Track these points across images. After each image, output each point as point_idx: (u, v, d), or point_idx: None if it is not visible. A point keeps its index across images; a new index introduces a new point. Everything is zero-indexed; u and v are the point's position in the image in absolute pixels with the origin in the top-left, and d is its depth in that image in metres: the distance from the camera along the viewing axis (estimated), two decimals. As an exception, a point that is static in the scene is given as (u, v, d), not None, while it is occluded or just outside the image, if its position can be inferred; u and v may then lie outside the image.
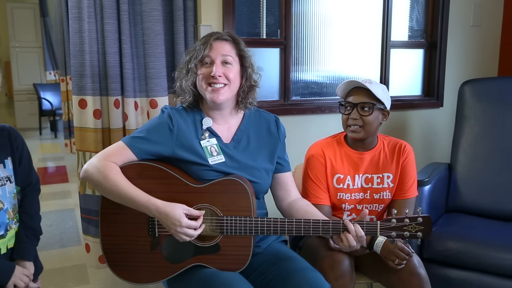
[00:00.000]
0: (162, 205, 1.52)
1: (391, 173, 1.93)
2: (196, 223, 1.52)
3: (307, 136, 2.60)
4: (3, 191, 1.43)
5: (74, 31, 2.19)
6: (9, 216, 1.45)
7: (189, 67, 1.68)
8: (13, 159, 1.48)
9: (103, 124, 2.29)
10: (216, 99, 1.64)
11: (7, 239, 1.45)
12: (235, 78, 1.67)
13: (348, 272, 1.70)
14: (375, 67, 3.03)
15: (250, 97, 1.74)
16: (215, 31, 1.72)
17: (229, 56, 1.66)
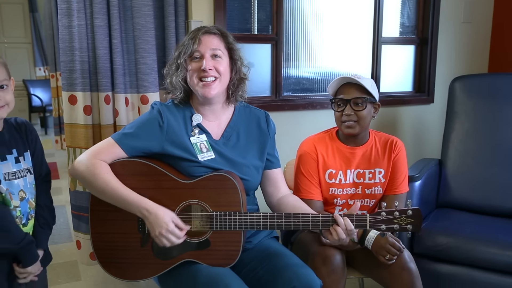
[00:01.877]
0: (154, 206, 1.52)
1: (383, 168, 1.93)
2: (180, 233, 1.52)
3: (298, 132, 2.60)
4: (25, 182, 1.49)
5: (64, 26, 2.16)
6: (30, 206, 1.51)
7: (178, 63, 1.67)
8: (30, 152, 1.53)
9: (93, 120, 2.27)
10: (207, 94, 1.64)
11: (28, 227, 1.50)
12: (225, 71, 1.66)
13: (340, 267, 1.71)
14: (367, 63, 3.04)
15: (240, 90, 1.74)
16: (203, 26, 1.71)
17: (218, 50, 1.65)
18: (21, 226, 1.47)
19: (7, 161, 1.43)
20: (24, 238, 1.43)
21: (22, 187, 1.47)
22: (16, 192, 1.45)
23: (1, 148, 1.43)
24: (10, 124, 1.51)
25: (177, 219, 1.54)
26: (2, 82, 1.39)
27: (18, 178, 1.46)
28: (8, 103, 1.41)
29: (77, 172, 1.58)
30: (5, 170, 1.42)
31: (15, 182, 1.45)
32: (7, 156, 1.44)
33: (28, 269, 1.46)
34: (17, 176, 1.46)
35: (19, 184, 1.46)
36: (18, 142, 1.50)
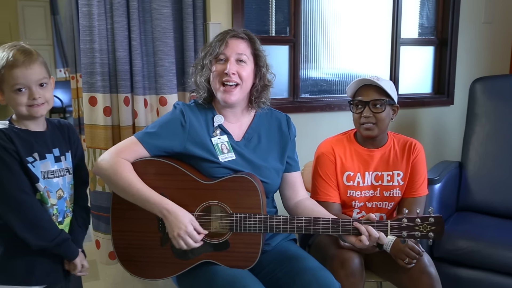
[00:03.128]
0: (174, 207, 1.54)
1: (402, 170, 1.92)
2: (198, 237, 1.53)
3: (316, 134, 2.58)
4: (64, 181, 1.52)
5: (84, 29, 2.19)
6: (67, 205, 1.53)
7: (203, 63, 1.69)
8: (71, 153, 1.57)
9: (113, 121, 2.29)
10: (227, 100, 1.65)
11: (64, 225, 1.53)
12: (248, 77, 1.67)
13: (359, 271, 1.70)
14: (385, 64, 3.01)
15: (263, 97, 1.74)
16: (232, 29, 1.72)
17: (244, 55, 1.66)
18: (57, 223, 1.50)
19: (46, 159, 1.46)
20: (59, 235, 1.46)
21: (60, 186, 1.50)
22: (54, 191, 1.48)
23: (42, 147, 1.46)
24: (53, 125, 1.55)
25: (196, 223, 1.55)
26: (42, 80, 1.42)
27: (57, 177, 1.50)
28: (47, 101, 1.44)
29: (100, 170, 1.61)
30: (44, 169, 1.45)
31: (53, 181, 1.48)
32: (47, 155, 1.47)
33: (76, 261, 1.51)
34: (56, 175, 1.49)
35: (58, 183, 1.49)
36: (61, 142, 1.53)
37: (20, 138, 1.42)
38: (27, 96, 1.40)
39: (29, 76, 1.39)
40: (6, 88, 1.39)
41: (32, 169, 1.42)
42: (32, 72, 1.39)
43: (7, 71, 1.37)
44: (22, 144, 1.41)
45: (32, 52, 1.42)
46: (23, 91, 1.39)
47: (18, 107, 1.41)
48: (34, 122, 1.47)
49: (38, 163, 1.44)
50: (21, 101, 1.40)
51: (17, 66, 1.37)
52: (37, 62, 1.41)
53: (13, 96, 1.40)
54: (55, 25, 7.25)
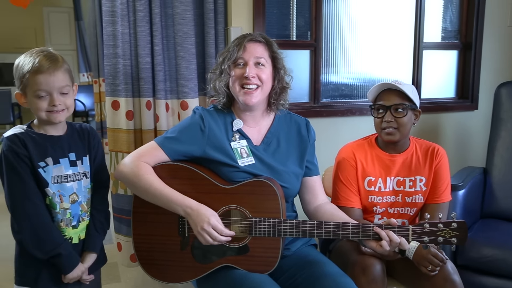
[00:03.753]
0: (196, 204, 1.55)
1: (424, 176, 1.89)
2: (222, 227, 1.52)
3: (337, 139, 2.57)
4: (79, 185, 1.53)
5: (108, 34, 2.23)
6: (82, 209, 1.55)
7: (222, 68, 1.70)
8: (90, 157, 1.58)
9: (135, 125, 2.32)
10: (248, 102, 1.66)
11: (79, 229, 1.54)
12: (267, 79, 1.67)
13: (380, 277, 1.67)
14: (407, 68, 2.98)
15: (282, 99, 1.74)
16: (248, 33, 1.73)
17: (262, 58, 1.66)
18: (71, 227, 1.51)
19: (59, 164, 1.48)
20: (54, 249, 1.45)
21: (75, 190, 1.51)
22: (67, 195, 1.49)
23: (56, 152, 1.48)
24: (73, 129, 1.57)
25: (219, 221, 1.54)
26: (64, 88, 1.44)
27: (72, 181, 1.51)
28: (68, 108, 1.46)
29: (121, 173, 1.63)
30: (56, 173, 1.47)
31: (67, 185, 1.49)
32: (61, 159, 1.48)
33: (67, 276, 1.49)
34: (70, 179, 1.50)
35: (72, 187, 1.51)
36: (78, 146, 1.54)
37: (35, 142, 1.44)
38: (47, 102, 1.42)
39: (51, 83, 1.41)
40: (29, 92, 1.42)
41: (43, 174, 1.44)
42: (55, 79, 1.41)
43: (31, 76, 1.39)
44: (35, 149, 1.43)
45: (58, 59, 1.44)
46: (44, 97, 1.42)
47: (38, 112, 1.43)
48: (53, 127, 1.50)
49: (50, 168, 1.46)
50: (42, 106, 1.42)
51: (41, 72, 1.39)
52: (61, 69, 1.43)
53: (35, 100, 1.42)
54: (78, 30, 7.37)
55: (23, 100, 1.45)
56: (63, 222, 1.49)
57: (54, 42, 7.89)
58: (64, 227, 1.50)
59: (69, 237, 1.52)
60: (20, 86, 1.43)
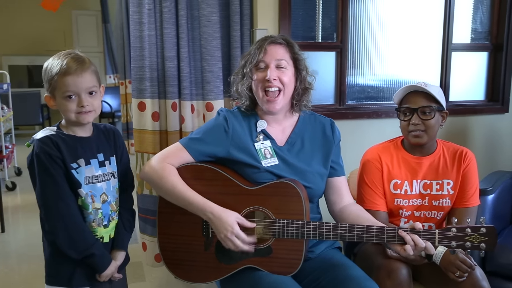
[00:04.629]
0: (217, 209, 1.55)
1: (452, 179, 1.86)
2: (245, 236, 1.53)
3: (362, 141, 2.54)
4: (108, 185, 1.55)
5: (135, 36, 2.26)
6: (111, 208, 1.57)
7: (244, 72, 1.71)
8: (117, 157, 1.60)
9: (160, 126, 2.34)
10: (272, 109, 1.67)
11: (109, 229, 1.57)
12: (289, 81, 1.67)
13: (406, 282, 1.65)
14: (435, 70, 2.94)
15: (304, 100, 1.74)
16: (269, 35, 1.73)
17: (283, 60, 1.66)
18: (102, 227, 1.54)
19: (90, 165, 1.50)
20: (87, 249, 1.48)
21: (104, 190, 1.54)
22: (98, 195, 1.52)
23: (86, 153, 1.50)
24: (99, 130, 1.59)
25: (242, 219, 1.55)
26: (91, 89, 1.46)
27: (102, 182, 1.53)
28: (95, 109, 1.49)
29: (146, 174, 1.66)
30: (88, 174, 1.49)
31: (98, 186, 1.52)
32: (91, 160, 1.51)
33: (102, 275, 1.52)
34: (100, 179, 1.53)
35: (102, 187, 1.53)
36: (105, 147, 1.57)
37: (66, 144, 1.47)
38: (76, 103, 1.44)
39: (79, 84, 1.43)
40: (58, 94, 1.44)
41: (76, 175, 1.46)
42: (83, 80, 1.43)
43: (59, 78, 1.42)
44: (68, 151, 1.46)
45: (85, 60, 1.46)
46: (72, 98, 1.44)
47: (67, 113, 1.46)
48: (81, 128, 1.52)
49: (83, 169, 1.48)
50: (71, 107, 1.44)
51: (69, 74, 1.41)
52: (88, 70, 1.45)
53: (63, 102, 1.44)
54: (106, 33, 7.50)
55: (52, 102, 1.48)
56: (95, 222, 1.52)
57: (82, 45, 8.05)
58: (95, 227, 1.52)
59: (100, 237, 1.54)
60: (49, 89, 1.46)
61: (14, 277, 2.83)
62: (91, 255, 1.48)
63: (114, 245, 1.59)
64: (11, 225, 3.78)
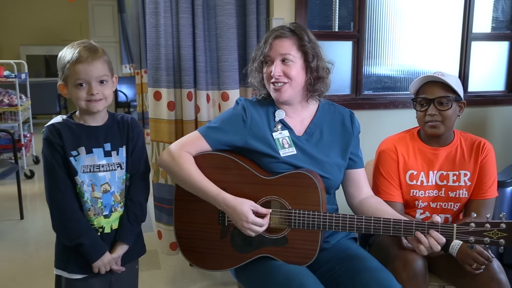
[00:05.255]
0: (230, 199, 1.55)
1: (469, 171, 1.84)
2: (261, 221, 1.54)
3: (379, 132, 2.52)
4: (112, 175, 1.56)
5: (151, 26, 2.26)
6: (115, 199, 1.57)
7: (254, 66, 1.73)
8: (127, 148, 1.60)
9: (176, 115, 2.35)
10: (279, 97, 1.67)
11: (111, 219, 1.57)
12: (297, 74, 1.65)
13: (422, 273, 1.64)
14: (454, 60, 2.90)
15: (319, 88, 1.71)
16: (277, 27, 1.70)
17: (289, 54, 1.64)
18: (102, 217, 1.54)
19: (92, 154, 1.51)
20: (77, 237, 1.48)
21: (107, 180, 1.54)
22: (99, 184, 1.52)
23: (90, 142, 1.52)
24: (114, 120, 1.59)
25: (256, 207, 1.55)
26: (102, 77, 1.47)
27: (105, 171, 1.54)
28: (106, 97, 1.50)
29: (163, 162, 1.67)
30: (87, 163, 1.50)
31: (99, 175, 1.52)
32: (94, 149, 1.52)
33: (93, 265, 1.52)
34: (103, 169, 1.53)
35: (104, 177, 1.53)
36: (115, 137, 1.57)
37: (71, 132, 1.49)
38: (86, 91, 1.46)
39: (90, 72, 1.44)
40: (70, 82, 1.46)
41: (73, 162, 1.48)
42: (93, 69, 1.44)
43: (71, 66, 1.44)
44: (69, 138, 1.48)
45: (98, 49, 1.48)
46: (83, 86, 1.45)
47: (78, 101, 1.47)
48: (92, 117, 1.53)
49: (82, 157, 1.49)
50: (81, 95, 1.46)
51: (80, 62, 1.43)
52: (100, 59, 1.46)
53: (75, 90, 1.46)
54: (121, 23, 7.54)
55: (65, 91, 1.50)
56: (91, 211, 1.52)
57: (98, 35, 8.10)
58: (92, 216, 1.52)
59: (100, 226, 1.54)
60: (62, 77, 1.48)
61: (33, 263, 2.88)
62: (80, 244, 1.49)
63: (116, 237, 1.58)
64: (30, 212, 3.85)
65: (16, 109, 4.72)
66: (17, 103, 4.72)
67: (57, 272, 1.57)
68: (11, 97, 4.76)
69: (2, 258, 2.96)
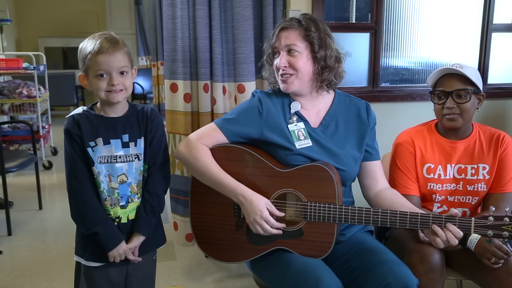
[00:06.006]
0: (249, 192, 1.56)
1: (488, 164, 1.82)
2: (274, 221, 1.54)
3: (396, 125, 2.49)
4: (129, 166, 1.57)
5: (168, 17, 2.26)
6: (131, 190, 1.59)
7: (265, 58, 1.74)
8: (146, 139, 1.61)
9: (192, 107, 2.36)
10: (286, 89, 1.67)
11: (128, 210, 1.59)
12: (303, 65, 1.65)
13: (439, 267, 1.62)
14: (473, 52, 2.85)
15: (328, 78, 1.68)
16: (287, 19, 1.70)
17: (294, 45, 1.64)
18: (119, 207, 1.56)
19: (110, 145, 1.53)
20: (93, 226, 1.51)
21: (124, 171, 1.56)
22: (116, 175, 1.54)
23: (109, 133, 1.53)
24: (134, 111, 1.61)
25: (271, 206, 1.56)
26: (122, 68, 1.49)
27: (122, 162, 1.55)
28: (126, 88, 1.51)
29: (180, 154, 1.68)
30: (105, 153, 1.52)
31: (116, 166, 1.54)
32: (112, 140, 1.53)
33: (108, 254, 1.55)
34: (121, 160, 1.55)
35: (122, 168, 1.55)
36: (134, 129, 1.58)
37: (90, 123, 1.51)
38: (107, 82, 1.47)
39: (111, 63, 1.46)
40: (91, 73, 1.48)
41: (91, 153, 1.50)
42: (114, 59, 1.46)
43: (92, 57, 1.45)
44: (87, 129, 1.50)
45: (118, 41, 1.49)
46: (104, 76, 1.47)
47: (98, 91, 1.49)
48: (112, 108, 1.55)
49: (99, 148, 1.51)
50: (101, 86, 1.47)
51: (101, 53, 1.45)
52: (121, 51, 1.48)
53: (95, 81, 1.48)
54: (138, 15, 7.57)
55: (85, 81, 1.51)
56: (108, 201, 1.54)
57: (115, 27, 8.14)
58: (109, 206, 1.54)
59: (116, 216, 1.56)
60: (83, 68, 1.50)
61: (51, 252, 2.93)
62: (95, 233, 1.51)
63: (133, 227, 1.59)
64: (48, 202, 3.91)
65: (35, 101, 4.78)
66: (35, 94, 4.78)
67: (77, 259, 1.61)
68: (30, 88, 4.82)
69: (21, 247, 3.01)
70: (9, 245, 3.04)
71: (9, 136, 4.86)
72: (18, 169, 3.35)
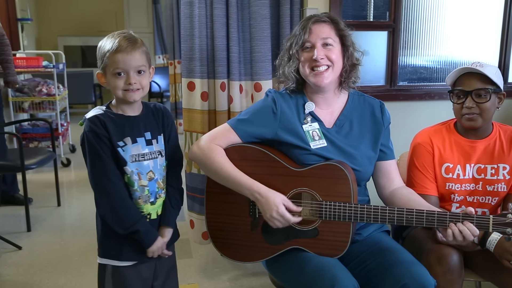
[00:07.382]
0: (265, 189, 1.56)
1: (508, 164, 1.79)
2: (289, 216, 1.54)
3: (414, 124, 2.48)
4: (155, 163, 1.59)
5: (185, 16, 2.27)
6: (158, 186, 1.61)
7: (290, 54, 1.69)
8: (164, 136, 1.63)
9: (209, 106, 2.37)
10: (320, 83, 1.64)
11: (156, 206, 1.61)
12: (337, 59, 1.65)
13: (457, 268, 1.61)
14: (494, 50, 2.81)
15: (352, 76, 1.71)
16: (312, 14, 1.70)
17: (329, 38, 1.64)
18: (149, 204, 1.58)
19: (137, 143, 1.54)
20: (132, 225, 1.52)
21: (151, 168, 1.57)
22: (145, 173, 1.56)
23: (134, 132, 1.55)
24: (148, 108, 1.62)
25: (288, 202, 1.56)
26: (140, 67, 1.50)
27: (149, 160, 1.57)
28: (143, 88, 1.52)
29: (194, 154, 1.69)
30: (134, 152, 1.53)
31: (144, 163, 1.55)
32: (138, 139, 1.55)
33: (148, 250, 1.57)
34: (147, 157, 1.56)
35: (149, 165, 1.57)
36: (153, 126, 1.60)
37: (114, 123, 1.51)
38: (124, 80, 1.48)
39: (128, 62, 1.47)
40: (108, 71, 1.49)
41: (122, 153, 1.51)
42: (132, 58, 1.47)
43: (111, 55, 1.46)
44: (114, 129, 1.50)
45: (137, 40, 1.50)
46: (121, 75, 1.48)
47: (116, 90, 1.50)
48: (130, 106, 1.56)
49: (128, 147, 1.52)
50: (119, 84, 1.48)
51: (120, 51, 1.46)
52: (139, 50, 1.49)
53: (113, 79, 1.49)
54: (155, 13, 7.62)
55: (103, 80, 1.52)
56: (141, 199, 1.56)
57: (132, 25, 8.20)
58: (142, 204, 1.56)
59: (147, 213, 1.58)
60: (101, 66, 1.51)
61: (69, 249, 2.97)
62: (136, 231, 1.52)
63: (161, 222, 1.62)
64: (66, 199, 3.96)
65: (54, 99, 4.85)
66: (55, 92, 4.85)
67: (102, 261, 1.59)
68: (49, 87, 4.89)
69: (40, 243, 3.06)
70: (28, 241, 3.09)
71: (29, 134, 4.94)
72: (38, 166, 3.41)
